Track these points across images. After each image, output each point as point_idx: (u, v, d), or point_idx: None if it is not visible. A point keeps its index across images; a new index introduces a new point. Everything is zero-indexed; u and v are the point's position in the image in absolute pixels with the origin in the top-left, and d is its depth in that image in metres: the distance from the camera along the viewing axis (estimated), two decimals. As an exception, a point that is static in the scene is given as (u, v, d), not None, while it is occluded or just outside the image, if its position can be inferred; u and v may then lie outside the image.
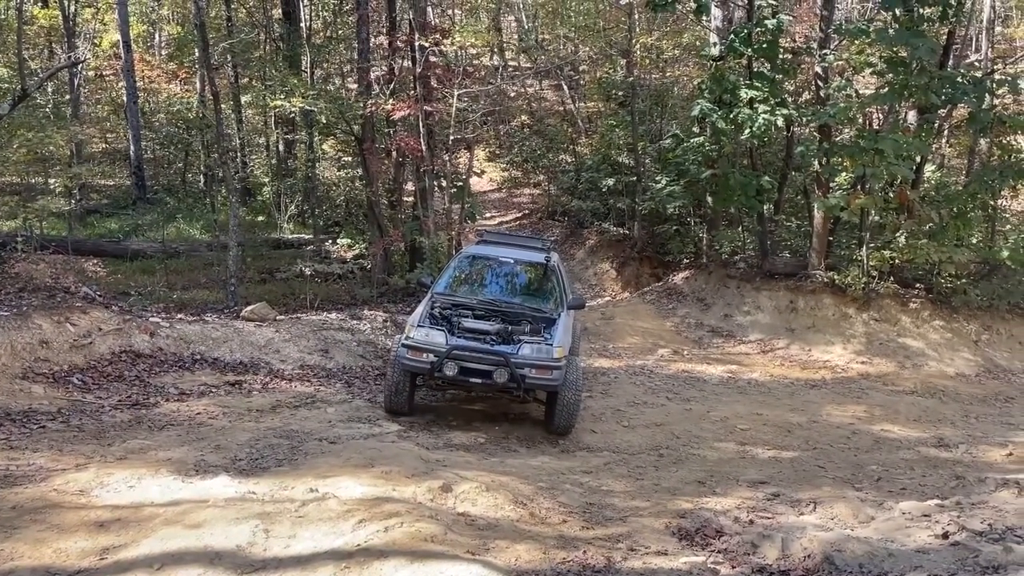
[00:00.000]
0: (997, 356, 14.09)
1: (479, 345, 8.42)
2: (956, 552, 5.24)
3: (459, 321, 8.64)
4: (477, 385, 8.65)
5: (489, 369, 8.34)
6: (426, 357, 8.35)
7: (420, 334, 8.48)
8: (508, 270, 9.90)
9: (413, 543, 5.08)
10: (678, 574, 5.18)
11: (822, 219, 15.27)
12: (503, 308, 9.04)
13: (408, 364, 8.47)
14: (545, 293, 9.57)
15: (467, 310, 8.91)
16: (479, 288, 9.66)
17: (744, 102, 14.70)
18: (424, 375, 8.57)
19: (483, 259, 10.01)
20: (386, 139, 15.63)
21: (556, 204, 23.81)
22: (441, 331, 8.45)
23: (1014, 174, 14.44)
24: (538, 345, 8.51)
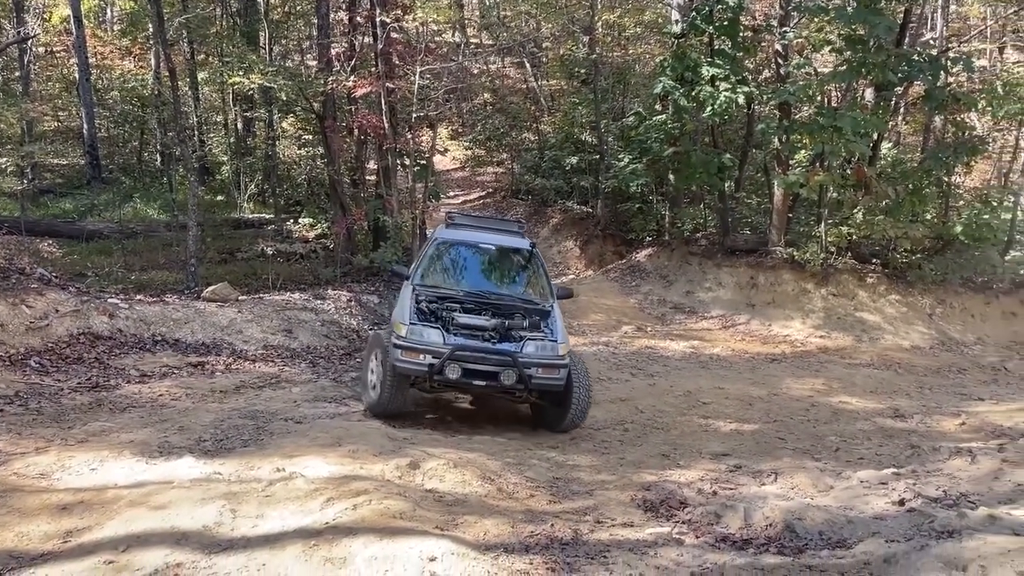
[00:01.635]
0: (950, 329, 14.47)
1: (483, 344, 7.70)
2: (912, 518, 5.40)
3: (451, 317, 7.84)
4: (479, 388, 7.92)
5: (495, 370, 7.61)
6: (423, 359, 7.53)
7: (413, 333, 7.63)
8: (490, 257, 9.13)
9: (382, 520, 5.09)
10: (644, 544, 5.26)
11: (782, 196, 15.48)
12: (493, 300, 8.31)
13: (402, 367, 7.59)
14: (532, 282, 8.91)
15: (455, 303, 8.09)
16: (461, 278, 8.78)
17: (705, 80, 14.80)
18: (420, 378, 7.73)
19: (461, 245, 9.06)
20: (347, 117, 15.45)
21: (520, 182, 23.81)
22: (436, 329, 7.66)
23: (967, 151, 14.77)
24: (542, 342, 7.87)
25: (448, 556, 4.60)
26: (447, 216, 9.89)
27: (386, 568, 4.49)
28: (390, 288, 13.13)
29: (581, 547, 5.16)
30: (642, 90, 21.27)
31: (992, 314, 14.91)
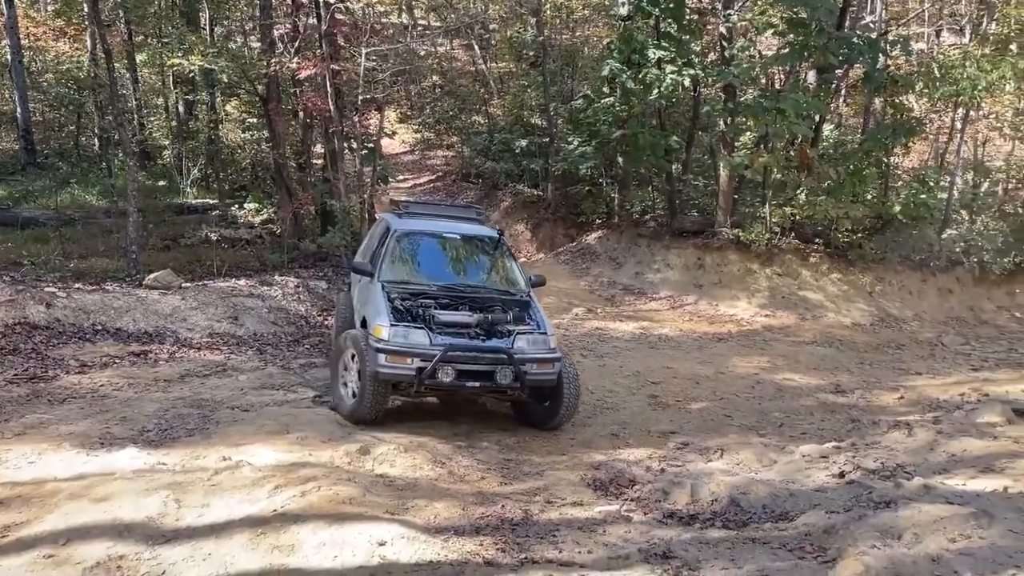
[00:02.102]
0: (890, 306, 14.88)
1: (475, 343, 7.25)
2: (851, 490, 5.57)
3: (431, 314, 7.31)
4: (472, 390, 7.41)
5: (489, 370, 7.14)
6: (410, 363, 6.97)
7: (396, 335, 7.03)
8: (457, 247, 8.64)
9: (331, 506, 5.07)
10: (593, 522, 5.33)
11: (727, 178, 15.70)
12: (469, 294, 7.84)
13: (388, 372, 6.99)
14: (505, 272, 8.48)
15: (429, 299, 7.55)
16: (431, 271, 8.16)
17: (652, 62, 14.88)
18: (405, 383, 7.15)
19: (424, 236, 8.50)
20: (292, 99, 15.17)
21: (470, 166, 23.71)
22: (420, 329, 7.11)
23: (905, 132, 15.14)
24: (532, 336, 7.44)
25: (398, 540, 4.60)
26: (400, 204, 9.40)
27: (335, 554, 4.48)
28: (339, 274, 12.97)
29: (531, 527, 5.21)
30: (591, 73, 21.29)
31: (929, 291, 15.38)
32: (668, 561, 4.43)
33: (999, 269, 15.83)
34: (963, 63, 15.25)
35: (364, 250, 9.48)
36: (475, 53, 27.16)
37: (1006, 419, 7.65)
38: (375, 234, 9.26)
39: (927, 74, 15.73)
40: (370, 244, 9.24)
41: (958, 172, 17.61)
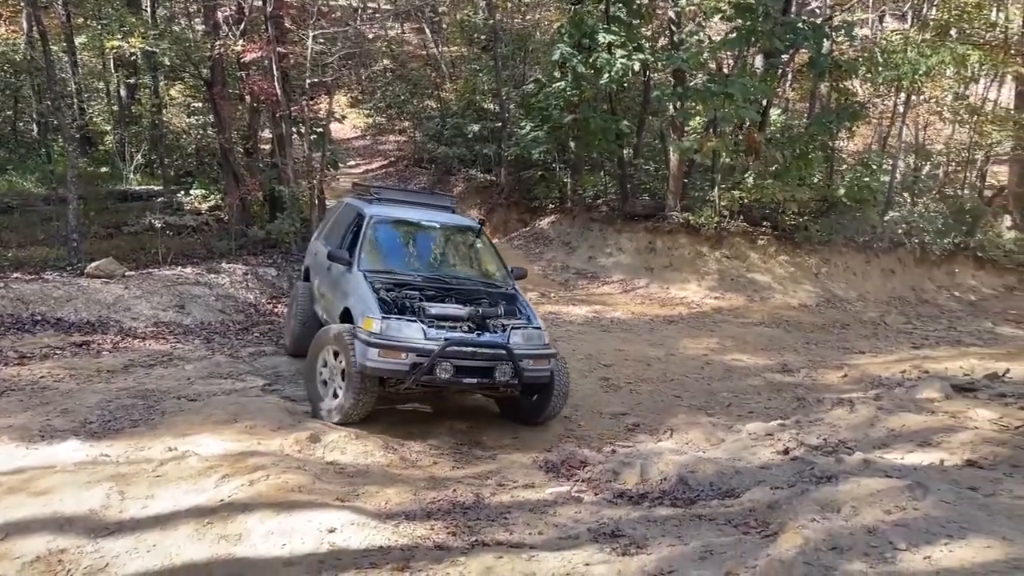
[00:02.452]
0: (835, 287, 15.23)
1: (474, 338, 6.86)
2: (795, 465, 5.70)
3: (420, 307, 6.94)
4: (468, 387, 7.11)
5: (488, 366, 6.81)
6: (405, 358, 6.54)
7: (389, 328, 6.58)
8: (437, 237, 8.28)
9: (279, 494, 5.02)
10: (544, 504, 5.37)
11: (677, 162, 15.85)
12: (455, 285, 7.51)
13: (379, 368, 6.56)
14: (487, 263, 8.21)
15: (414, 290, 7.19)
16: (412, 261, 7.85)
17: (602, 47, 14.92)
18: (396, 380, 6.74)
19: (404, 224, 8.16)
20: (238, 83, 14.86)
21: (422, 151, 23.54)
22: (414, 322, 6.68)
23: (849, 116, 15.46)
24: (527, 330, 7.13)
25: (348, 526, 4.58)
26: (371, 190, 8.84)
27: (283, 542, 4.44)
28: (288, 260, 12.79)
29: (483, 510, 5.24)
30: (542, 57, 21.27)
31: (872, 272, 15.78)
32: (616, 539, 4.49)
33: (939, 250, 16.31)
34: (904, 48, 15.60)
35: (327, 236, 8.90)
36: (426, 37, 26.91)
37: (944, 395, 7.88)
38: (341, 220, 8.68)
39: (870, 59, 16.05)
40: (334, 230, 8.70)
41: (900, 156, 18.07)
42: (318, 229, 9.90)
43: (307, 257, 9.82)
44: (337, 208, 9.51)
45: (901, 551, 3.37)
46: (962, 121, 18.91)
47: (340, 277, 7.67)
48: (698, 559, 3.84)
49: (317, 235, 9.63)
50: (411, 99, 24.60)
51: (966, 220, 17.44)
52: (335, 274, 7.86)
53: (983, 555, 3.27)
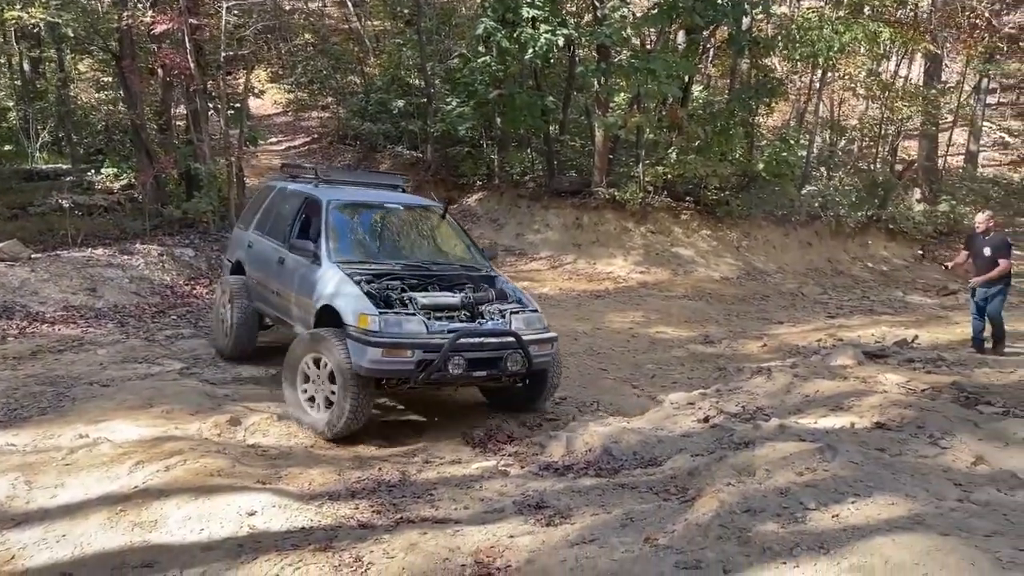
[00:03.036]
0: (755, 260, 15.64)
1: (480, 327, 6.47)
2: (715, 433, 5.84)
3: (409, 297, 6.44)
4: (477, 380, 6.65)
5: (497, 356, 6.40)
6: (410, 355, 6.04)
7: (389, 324, 6.04)
8: (403, 220, 7.79)
9: (197, 479, 4.89)
10: (470, 479, 5.38)
11: (602, 138, 15.95)
12: (436, 272, 7.00)
13: (381, 369, 6.04)
14: (460, 245, 7.74)
15: (395, 279, 6.64)
16: (383, 248, 7.32)
17: (527, 21, 14.84)
18: (398, 380, 6.26)
19: (362, 208, 7.61)
20: (150, 57, 14.27)
21: (346, 127, 23.05)
22: (413, 316, 6.21)
23: (767, 92, 15.82)
24: (526, 315, 6.75)
25: (269, 509, 4.50)
26: (319, 172, 7.94)
27: (201, 527, 4.34)
28: (206, 240, 12.42)
29: (408, 487, 5.21)
30: (467, 31, 21.04)
31: (791, 245, 16.26)
32: (541, 511, 4.52)
33: (853, 222, 16.91)
34: (820, 26, 15.99)
35: (261, 225, 8.10)
36: (348, 11, 26.31)
37: (856, 361, 8.20)
38: (280, 206, 7.90)
39: (787, 37, 16.42)
40: (271, 218, 7.95)
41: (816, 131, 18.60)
42: (242, 217, 8.95)
43: (233, 249, 8.74)
44: (267, 193, 8.49)
45: (811, 510, 3.49)
46: (874, 97, 19.57)
47: (306, 272, 6.89)
48: (620, 526, 3.90)
49: (245, 224, 8.54)
50: (334, 74, 24.04)
51: (878, 193, 18.12)
52: (296, 269, 7.07)
53: (887, 512, 3.41)
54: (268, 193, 8.47)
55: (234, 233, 9.08)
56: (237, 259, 8.47)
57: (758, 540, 3.28)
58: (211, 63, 13.84)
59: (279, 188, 8.27)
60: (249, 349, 8.09)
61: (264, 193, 8.62)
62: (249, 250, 8.19)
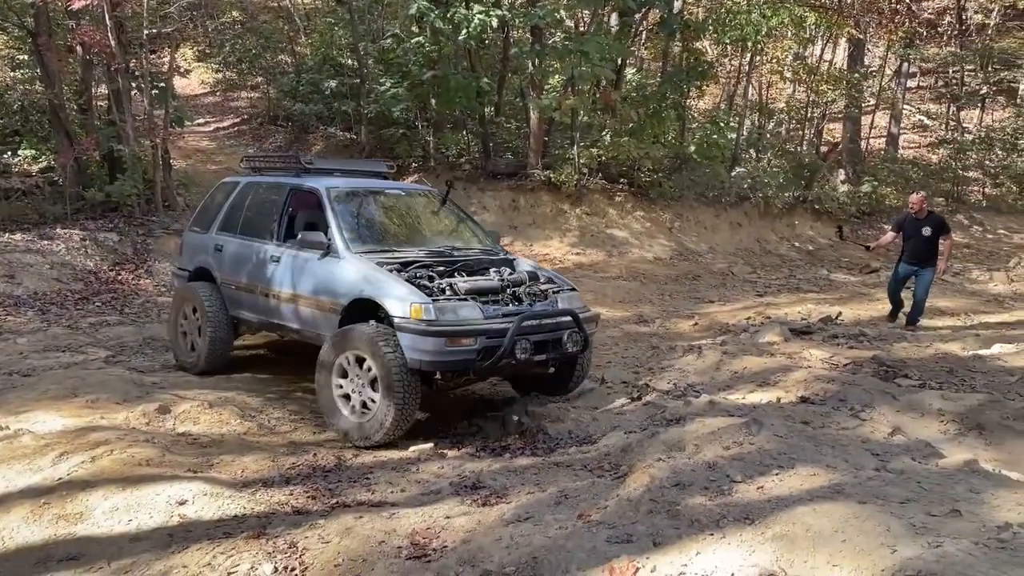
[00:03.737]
0: (687, 240, 15.93)
1: (542, 308, 6.19)
2: (647, 410, 5.96)
3: (449, 283, 6.04)
4: (537, 365, 6.19)
5: (557, 337, 6.10)
6: (474, 343, 5.65)
7: (444, 311, 5.65)
8: (407, 206, 7.46)
9: (125, 469, 4.78)
10: (407, 462, 5.38)
11: (537, 120, 15.99)
12: (458, 257, 6.60)
13: (441, 361, 5.66)
14: (470, 229, 7.41)
15: (422, 267, 6.21)
16: (398, 236, 6.95)
17: (460, 2, 14.73)
18: (460, 371, 5.99)
19: (365, 196, 7.13)
20: (68, 34, 13.68)
21: (277, 108, 22.55)
22: (466, 301, 5.84)
23: (698, 75, 16.07)
24: (567, 294, 6.50)
25: (200, 498, 4.42)
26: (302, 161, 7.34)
27: (130, 518, 4.24)
28: (131, 224, 12.05)
29: (344, 472, 5.19)
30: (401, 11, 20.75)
31: (721, 225, 16.62)
32: (478, 491, 4.56)
33: (781, 203, 17.36)
34: (748, 10, 16.29)
35: (229, 225, 7.45)
36: (277, -12, 25.69)
37: (783, 338, 8.48)
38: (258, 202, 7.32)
39: (717, 20, 16.68)
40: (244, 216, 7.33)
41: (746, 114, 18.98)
42: (195, 220, 8.03)
43: (191, 255, 7.83)
44: (229, 189, 7.78)
45: (737, 483, 3.60)
46: (801, 81, 20.09)
47: (317, 267, 6.36)
48: (554, 504, 3.96)
49: (203, 226, 7.79)
50: (263, 53, 23.44)
51: (804, 175, 18.63)
52: (300, 266, 6.53)
53: (809, 482, 3.55)
54: (230, 189, 7.74)
55: (187, 238, 8.07)
56: (198, 266, 7.61)
57: (687, 513, 3.37)
58: (133, 41, 13.37)
59: (246, 183, 7.62)
60: (225, 362, 7.43)
61: (224, 190, 7.85)
62: (218, 254, 7.42)
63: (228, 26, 26.05)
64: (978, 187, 23.03)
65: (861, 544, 2.86)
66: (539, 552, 3.31)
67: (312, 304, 6.40)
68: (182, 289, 7.63)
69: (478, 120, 17.21)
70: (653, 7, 15.67)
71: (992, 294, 12.50)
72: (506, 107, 18.30)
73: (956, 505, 3.27)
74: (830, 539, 2.94)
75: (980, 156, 23.07)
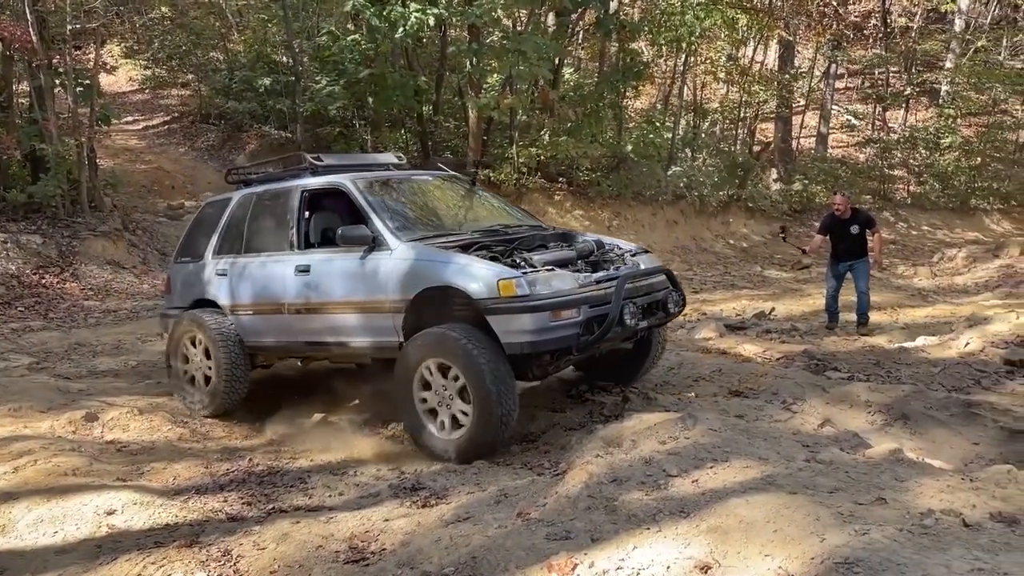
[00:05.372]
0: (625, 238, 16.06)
1: (640, 268, 5.69)
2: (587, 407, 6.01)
3: (523, 258, 5.34)
4: (637, 331, 5.45)
5: (659, 299, 5.61)
6: (573, 315, 4.95)
7: (536, 283, 4.93)
8: (441, 191, 6.83)
9: (49, 479, 4.62)
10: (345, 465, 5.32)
11: (476, 119, 15.98)
12: (512, 235, 5.90)
13: (548, 339, 4.91)
14: (504, 209, 6.85)
15: (481, 248, 5.43)
16: (438, 219, 6.23)
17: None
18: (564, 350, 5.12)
19: (396, 184, 6.46)
20: (-15, 28, 13.11)
21: (209, 106, 22.03)
22: (554, 271, 5.15)
23: (634, 75, 16.27)
24: (645, 255, 5.96)
25: (129, 507, 4.30)
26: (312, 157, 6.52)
27: (55, 530, 4.10)
28: (55, 226, 11.62)
29: (281, 477, 5.11)
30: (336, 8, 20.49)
31: (658, 223, 16.87)
32: (417, 493, 4.53)
33: (715, 202, 17.70)
34: (682, 11, 16.57)
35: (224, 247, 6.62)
36: (209, -17, 25.06)
37: (719, 334, 8.67)
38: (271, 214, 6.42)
39: (652, 21, 16.92)
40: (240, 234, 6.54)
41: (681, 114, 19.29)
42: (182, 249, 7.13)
43: (186, 289, 6.88)
44: (219, 209, 6.90)
45: (673, 477, 3.66)
46: (733, 81, 20.51)
47: (360, 266, 5.55)
48: (494, 503, 3.96)
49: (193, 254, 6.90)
50: (194, 50, 22.86)
51: (738, 174, 19.05)
52: (338, 270, 5.72)
53: (742, 475, 3.62)
54: (221, 208, 6.86)
55: (175, 272, 7.09)
56: (197, 298, 6.71)
57: (624, 508, 3.41)
58: (56, 36, 12.90)
59: (242, 196, 6.73)
60: (242, 398, 6.50)
61: (213, 210, 6.96)
62: (222, 280, 6.51)
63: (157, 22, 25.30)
64: (903, 185, 23.87)
65: (792, 533, 2.93)
66: (478, 552, 3.31)
67: (362, 308, 5.58)
68: (182, 321, 6.61)
69: (416, 119, 17.11)
70: (589, 7, 15.79)
71: (917, 288, 12.97)
72: (445, 106, 18.24)
73: (882, 493, 3.38)
74: (762, 529, 3.01)
75: (905, 155, 23.91)
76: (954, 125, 23.30)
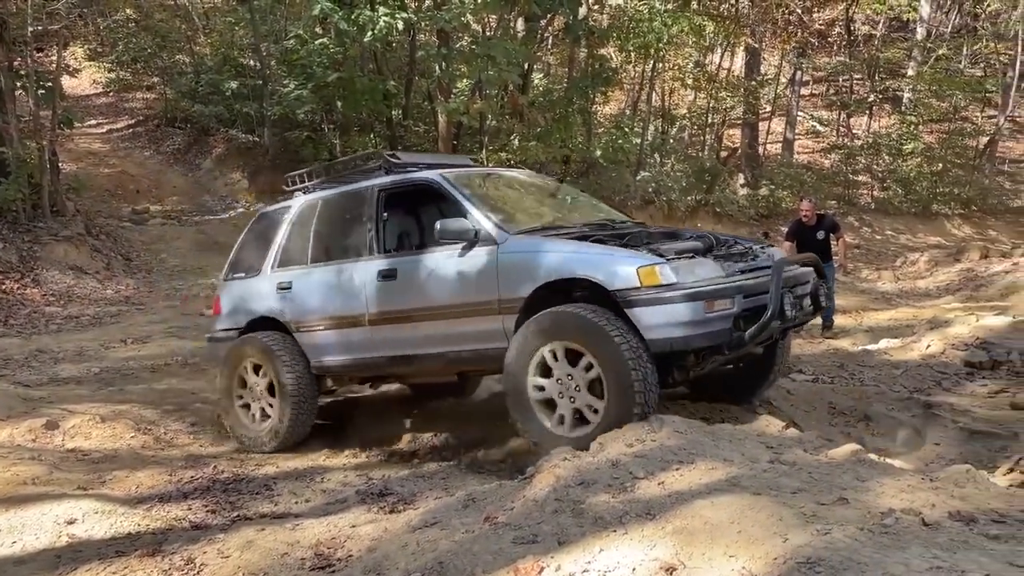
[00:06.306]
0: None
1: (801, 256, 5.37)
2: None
3: (651, 248, 4.70)
4: (788, 327, 5.04)
5: (811, 292, 5.14)
6: (727, 306, 4.40)
7: (681, 271, 4.40)
8: (531, 185, 6.43)
9: (8, 489, 4.55)
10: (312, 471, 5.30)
11: (445, 123, 15.93)
12: (618, 229, 5.35)
13: (704, 332, 4.37)
14: (601, 206, 6.46)
15: (598, 242, 4.84)
16: (540, 213, 5.72)
17: (365, 3, 14.56)
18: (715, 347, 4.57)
19: (483, 177, 6.10)
20: (-58, 29, 12.85)
21: (175, 109, 21.78)
22: (692, 259, 4.58)
23: (603, 81, 16.36)
24: (771, 249, 5.37)
25: (90, 516, 4.23)
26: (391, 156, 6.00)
27: (13, 540, 4.02)
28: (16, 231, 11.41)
29: (246, 484, 5.06)
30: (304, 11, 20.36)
31: (628, 228, 16.95)
32: (385, 498, 4.51)
33: (684, 206, 17.86)
34: (650, 18, 16.71)
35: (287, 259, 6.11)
36: (174, -15, 24.80)
37: (686, 337, 8.70)
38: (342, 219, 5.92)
39: (620, 27, 17.05)
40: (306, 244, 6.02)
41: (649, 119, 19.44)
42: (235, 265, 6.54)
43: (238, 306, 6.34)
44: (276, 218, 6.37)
45: (640, 479, 3.67)
46: (701, 88, 20.72)
47: (466, 263, 4.99)
48: (462, 508, 3.95)
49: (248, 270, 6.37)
50: (160, 53, 22.60)
51: (706, 179, 19.24)
52: (438, 268, 5.14)
53: (708, 476, 3.65)
54: (280, 217, 6.33)
55: (228, 290, 6.50)
56: (255, 317, 6.15)
57: (591, 511, 3.42)
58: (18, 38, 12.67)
59: (305, 203, 6.20)
60: (309, 429, 5.99)
61: (271, 220, 6.42)
62: (285, 295, 5.96)
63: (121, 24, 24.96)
64: (867, 190, 24.26)
65: (755, 534, 2.96)
66: (445, 557, 3.30)
67: (463, 312, 5.01)
68: (237, 345, 6.08)
69: (386, 123, 17.05)
70: (558, 13, 15.86)
71: (880, 292, 13.20)
72: (414, 110, 18.19)
73: (844, 493, 3.42)
74: (727, 530, 3.03)
75: (868, 161, 24.31)
76: (916, 132, 23.73)
